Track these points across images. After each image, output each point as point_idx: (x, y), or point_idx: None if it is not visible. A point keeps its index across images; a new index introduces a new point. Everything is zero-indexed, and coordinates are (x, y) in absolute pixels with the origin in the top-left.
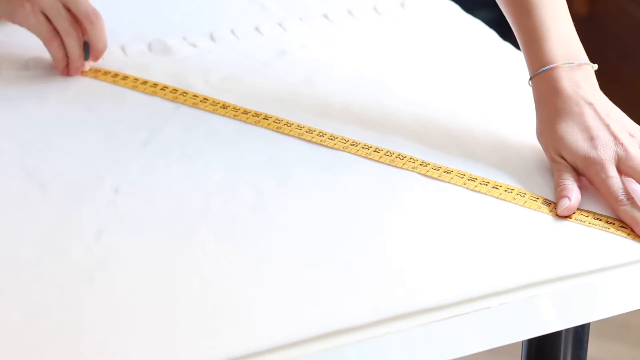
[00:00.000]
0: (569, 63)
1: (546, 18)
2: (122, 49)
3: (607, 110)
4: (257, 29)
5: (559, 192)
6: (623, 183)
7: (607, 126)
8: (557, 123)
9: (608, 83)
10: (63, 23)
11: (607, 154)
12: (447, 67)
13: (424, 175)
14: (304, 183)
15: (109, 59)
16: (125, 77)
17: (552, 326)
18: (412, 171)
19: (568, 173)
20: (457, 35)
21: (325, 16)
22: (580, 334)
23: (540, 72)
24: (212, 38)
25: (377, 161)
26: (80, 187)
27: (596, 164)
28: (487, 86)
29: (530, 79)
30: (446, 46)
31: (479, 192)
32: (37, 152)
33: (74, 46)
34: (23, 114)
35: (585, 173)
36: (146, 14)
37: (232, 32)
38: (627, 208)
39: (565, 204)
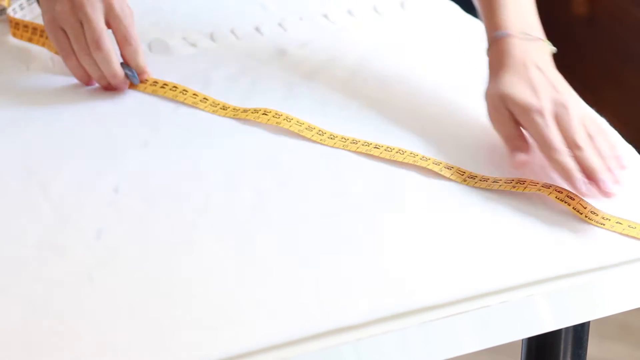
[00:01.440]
0: (524, 34)
1: None
2: None
3: (554, 77)
4: (257, 28)
5: (512, 142)
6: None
7: (552, 84)
8: (503, 76)
9: (608, 83)
10: (77, 44)
11: (547, 104)
12: (447, 67)
13: (425, 169)
14: (304, 183)
15: None
16: None
17: (551, 325)
18: (413, 165)
19: (512, 124)
20: (457, 35)
21: (325, 16)
22: (580, 333)
23: (495, 38)
24: (212, 38)
25: (378, 157)
26: (80, 186)
27: (535, 111)
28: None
29: (487, 49)
30: (446, 46)
31: (478, 188)
32: (37, 151)
33: (91, 67)
34: (23, 114)
35: (524, 121)
36: (146, 14)
37: (232, 32)
38: (561, 157)
39: (520, 157)
